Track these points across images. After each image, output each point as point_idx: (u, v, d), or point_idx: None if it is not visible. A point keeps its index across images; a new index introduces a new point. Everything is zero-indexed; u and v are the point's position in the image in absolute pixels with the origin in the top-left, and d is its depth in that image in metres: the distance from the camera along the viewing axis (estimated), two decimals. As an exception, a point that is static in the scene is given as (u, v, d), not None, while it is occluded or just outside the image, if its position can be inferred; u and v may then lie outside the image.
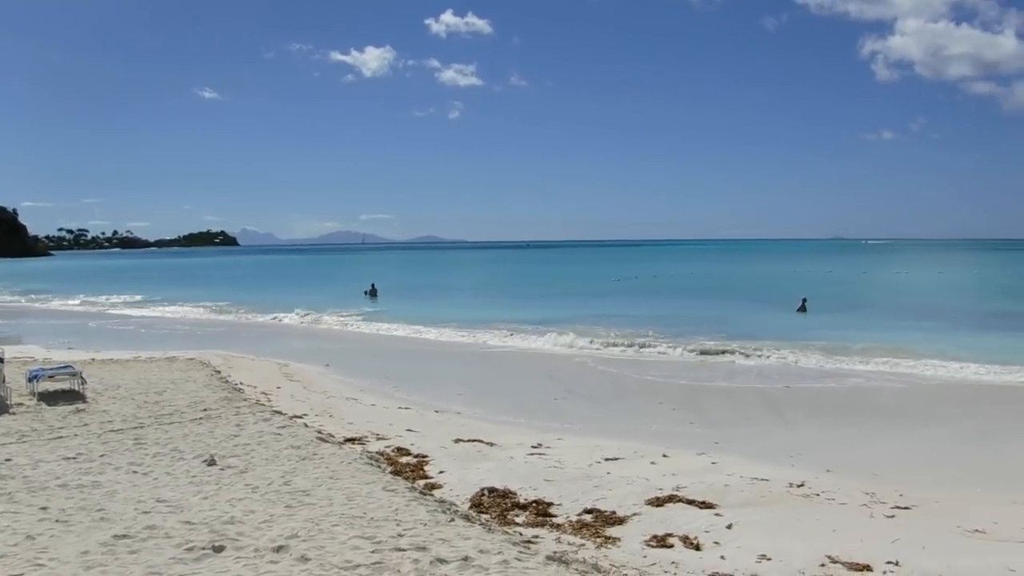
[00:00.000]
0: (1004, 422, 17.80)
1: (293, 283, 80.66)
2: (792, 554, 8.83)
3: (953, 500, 11.74)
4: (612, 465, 12.96)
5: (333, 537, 8.15)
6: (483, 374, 24.69)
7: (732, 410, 18.94)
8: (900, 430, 17.02)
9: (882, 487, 12.19)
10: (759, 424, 17.44)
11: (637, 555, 8.71)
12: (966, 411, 18.87)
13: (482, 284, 76.62)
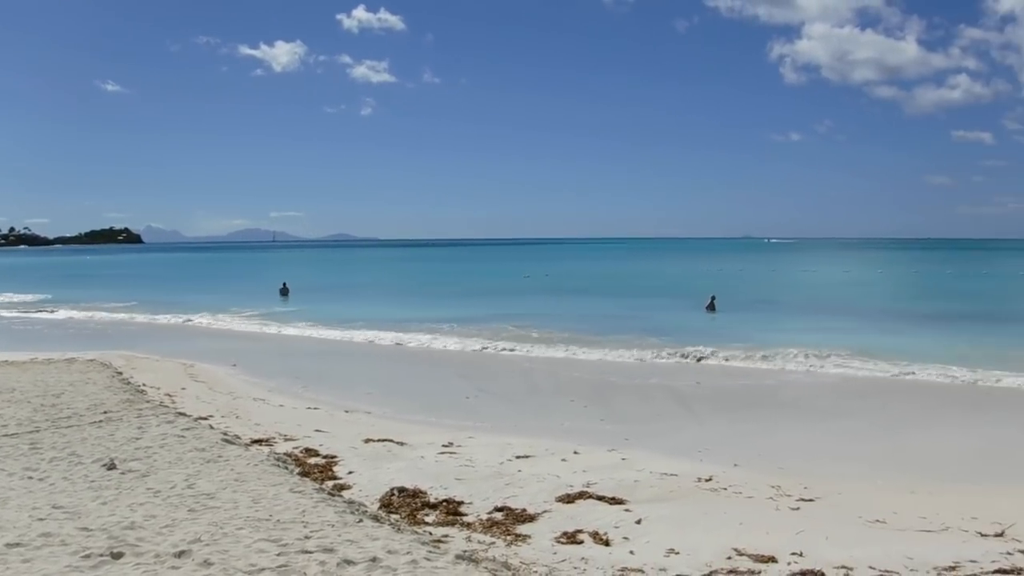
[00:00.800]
0: (904, 416, 18.37)
1: (201, 281, 78.84)
2: (700, 547, 8.93)
3: (855, 491, 12.05)
4: (523, 463, 12.96)
5: (238, 541, 7.95)
6: (394, 373, 24.50)
7: (642, 406, 19.17)
8: (805, 424, 17.46)
9: (787, 480, 12.44)
10: (669, 420, 17.67)
11: (547, 552, 8.71)
12: (868, 406, 19.43)
13: (393, 283, 76.09)
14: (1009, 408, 19.10)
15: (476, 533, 9.31)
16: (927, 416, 18.41)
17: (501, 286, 65.46)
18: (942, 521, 10.47)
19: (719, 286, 51.09)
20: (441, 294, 57.22)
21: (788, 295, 54.71)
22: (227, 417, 16.12)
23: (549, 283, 69.99)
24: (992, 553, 9.05)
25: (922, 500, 11.61)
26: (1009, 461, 14.36)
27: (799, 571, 8.25)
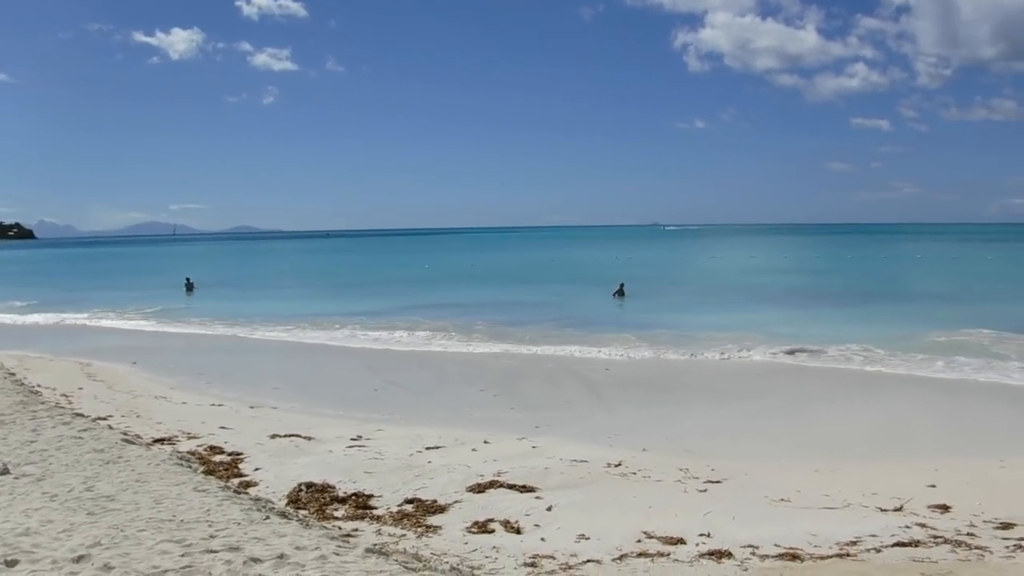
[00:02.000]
0: (806, 397, 18.89)
1: (99, 278, 76.08)
2: (610, 532, 9.03)
3: (761, 472, 12.34)
4: (433, 454, 12.90)
5: (139, 543, 7.71)
6: (301, 368, 24.13)
7: (552, 394, 19.26)
8: (712, 408, 17.79)
9: (695, 463, 12.66)
10: (578, 407, 17.82)
11: (458, 542, 8.69)
12: (773, 388, 19.90)
13: (301, 276, 74.78)
14: (905, 388, 19.77)
15: (386, 526, 9.24)
16: (829, 397, 18.96)
17: (408, 277, 65.20)
18: (844, 498, 10.80)
19: (627, 274, 51.73)
20: (349, 286, 56.51)
21: (695, 281, 55.70)
22: (127, 417, 15.65)
23: (455, 273, 69.83)
24: (891, 527, 9.36)
25: (825, 478, 11.95)
26: (906, 439, 14.90)
27: (707, 551, 8.40)
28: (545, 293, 45.80)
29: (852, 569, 7.74)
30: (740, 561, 8.08)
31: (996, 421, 16.60)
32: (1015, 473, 12.33)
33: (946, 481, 11.62)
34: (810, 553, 8.39)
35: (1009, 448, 13.94)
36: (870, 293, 44.70)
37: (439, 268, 76.85)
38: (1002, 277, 58.51)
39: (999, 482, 11.79)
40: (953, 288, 47.76)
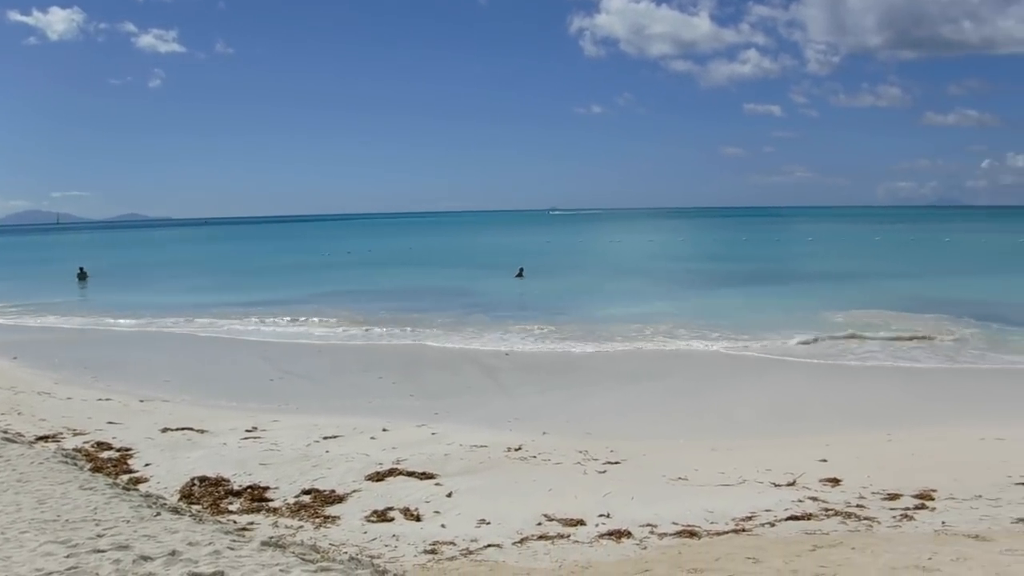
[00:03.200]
0: (703, 379, 19.29)
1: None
2: (510, 516, 9.04)
3: (659, 452, 12.56)
4: (331, 443, 12.73)
5: (21, 545, 7.37)
6: (194, 359, 23.46)
7: (452, 380, 19.21)
8: (611, 390, 18.03)
9: (595, 444, 12.82)
10: (478, 392, 17.83)
11: (357, 532, 8.58)
12: (671, 370, 20.27)
13: (195, 264, 72.46)
14: (798, 368, 20.41)
15: (283, 518, 9.06)
16: (725, 378, 19.39)
17: (305, 264, 64.06)
18: (740, 475, 11.07)
19: (528, 258, 52.08)
20: (245, 275, 55.18)
21: (594, 265, 56.35)
22: (7, 414, 14.96)
23: (354, 260, 69.00)
24: (785, 501, 9.63)
25: (721, 456, 12.24)
26: (799, 417, 15.38)
27: (607, 531, 8.48)
28: (444, 278, 45.77)
29: (747, 544, 7.90)
30: (639, 540, 8.18)
31: (884, 397, 17.27)
32: (901, 446, 12.85)
33: (837, 456, 12.02)
34: (707, 530, 8.55)
35: (896, 423, 14.52)
36: (765, 275, 45.95)
37: (337, 255, 75.76)
38: (889, 257, 61.04)
39: (886, 455, 12.26)
40: (844, 269, 49.52)
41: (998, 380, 19.21)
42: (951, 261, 57.31)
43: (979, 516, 8.87)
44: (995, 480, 10.66)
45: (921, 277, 43.57)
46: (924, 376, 19.69)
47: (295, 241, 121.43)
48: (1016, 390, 18.06)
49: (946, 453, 12.40)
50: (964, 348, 22.88)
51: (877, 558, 7.12)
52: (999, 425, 14.12)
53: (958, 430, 13.96)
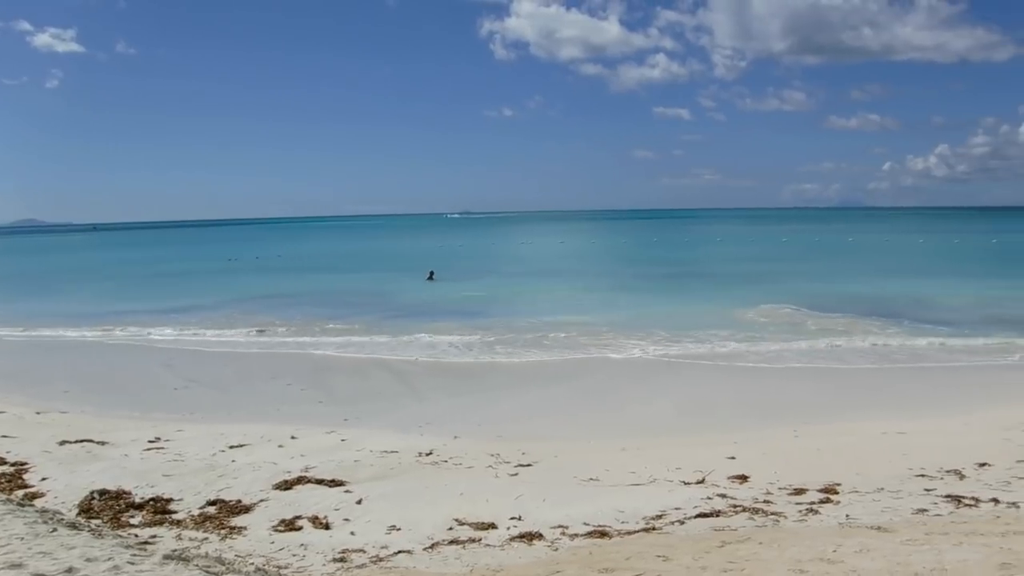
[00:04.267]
0: (613, 381, 19.53)
1: None
2: (421, 521, 8.96)
3: (570, 453, 12.63)
4: (237, 452, 12.46)
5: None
6: (95, 368, 22.72)
7: (362, 385, 19.04)
8: (523, 393, 18.08)
9: (506, 447, 12.83)
10: (389, 397, 17.69)
11: (264, 542, 8.39)
12: (582, 373, 20.49)
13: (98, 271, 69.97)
14: (707, 367, 20.83)
15: (187, 530, 8.81)
16: (636, 380, 19.65)
17: (211, 269, 62.56)
18: (650, 474, 11.21)
19: (438, 260, 51.96)
20: (146, 281, 53.34)
21: (505, 267, 56.43)
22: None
23: (263, 264, 67.66)
24: (694, 499, 9.76)
25: (632, 456, 12.37)
26: (708, 415, 15.67)
27: (518, 534, 8.46)
28: (354, 282, 45.28)
29: (658, 542, 7.96)
30: (551, 541, 8.19)
31: (792, 395, 17.78)
32: (807, 442, 13.19)
33: (745, 453, 12.27)
34: (618, 529, 8.60)
35: (801, 419, 14.93)
36: (676, 276, 46.77)
37: (245, 260, 74.19)
38: (796, 258, 62.81)
39: (792, 451, 12.58)
40: (753, 269, 50.79)
41: (901, 376, 19.92)
42: (855, 261, 59.27)
43: (881, 508, 9.13)
44: (896, 473, 11.01)
45: (828, 277, 45.05)
46: (831, 373, 20.29)
47: (201, 247, 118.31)
48: (917, 385, 18.75)
49: (850, 448, 12.77)
50: (869, 345, 23.67)
51: (783, 552, 7.25)
52: (901, 419, 14.68)
53: (862, 425, 14.43)
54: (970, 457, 11.71)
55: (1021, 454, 11.97)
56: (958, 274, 45.80)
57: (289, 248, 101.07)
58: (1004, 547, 7.07)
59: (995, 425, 14.11)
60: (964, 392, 17.60)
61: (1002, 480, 10.46)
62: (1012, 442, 12.78)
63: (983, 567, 6.52)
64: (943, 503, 9.30)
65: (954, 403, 16.32)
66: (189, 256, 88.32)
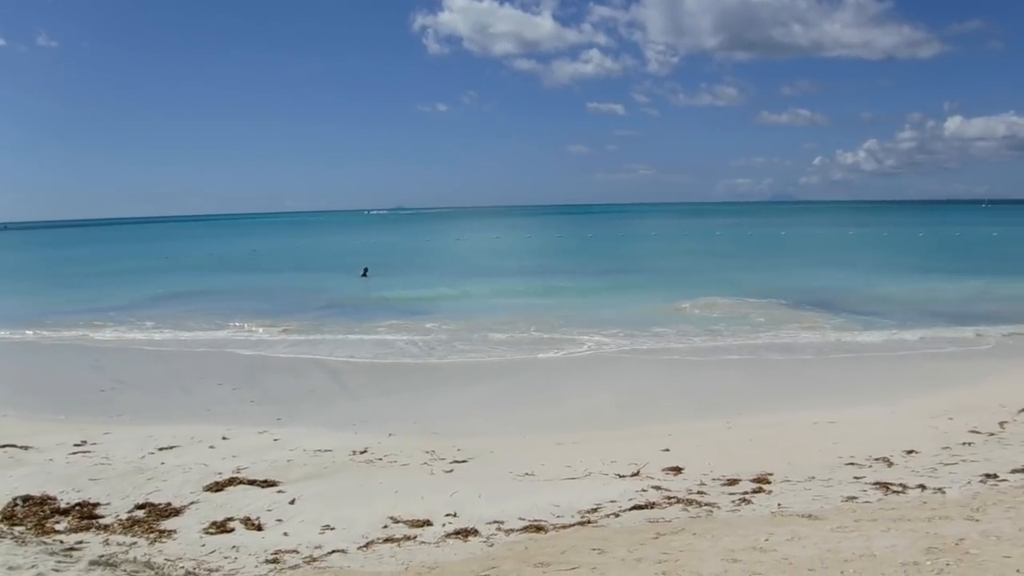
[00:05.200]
0: (551, 376, 19.61)
1: None
2: (355, 520, 8.87)
3: (506, 448, 12.64)
4: (167, 454, 12.20)
5: None
6: (16, 370, 22.16)
7: (295, 384, 18.81)
8: (459, 389, 18.07)
9: (442, 444, 12.80)
10: (323, 396, 17.52)
11: (195, 545, 8.23)
12: (518, 368, 20.55)
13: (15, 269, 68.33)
14: (643, 360, 21.07)
15: (115, 535, 8.59)
16: (572, 374, 19.77)
17: (139, 268, 61.08)
18: (585, 467, 11.26)
19: (372, 256, 51.62)
20: (72, 279, 51.71)
21: (440, 263, 56.32)
22: None
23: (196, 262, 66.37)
24: (629, 492, 9.84)
25: (568, 450, 12.43)
26: (644, 408, 15.86)
27: (453, 531, 8.43)
28: (287, 279, 44.78)
29: (593, 535, 8.00)
30: (486, 537, 8.18)
31: (726, 386, 18.07)
32: (740, 433, 13.42)
33: (679, 445, 12.41)
34: (553, 524, 8.61)
35: (735, 410, 15.21)
36: (611, 270, 47.24)
37: (177, 258, 72.73)
38: (730, 252, 63.88)
39: (726, 442, 12.77)
40: (687, 263, 51.55)
41: (832, 366, 20.41)
42: (788, 254, 60.51)
43: (812, 496, 9.31)
44: (827, 462, 11.23)
45: (761, 270, 46.02)
46: (764, 364, 20.69)
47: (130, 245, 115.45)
48: (848, 375, 19.25)
49: (783, 438, 13.01)
50: (802, 336, 24.18)
51: (717, 542, 7.34)
52: (832, 409, 15.03)
53: (794, 415, 14.71)
54: (898, 445, 12.00)
55: (947, 441, 12.32)
56: (888, 266, 47.27)
57: (222, 245, 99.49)
58: (930, 532, 7.26)
59: (922, 413, 14.50)
60: (893, 381, 18.07)
61: (928, 467, 10.73)
62: (938, 429, 13.14)
63: (910, 551, 6.68)
64: (872, 490, 9.50)
65: (883, 392, 16.75)
66: (117, 255, 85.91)
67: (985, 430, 13.03)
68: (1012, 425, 13.38)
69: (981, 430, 13.02)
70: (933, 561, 6.43)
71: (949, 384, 17.41)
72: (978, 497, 8.77)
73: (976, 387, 17.01)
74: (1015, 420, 13.74)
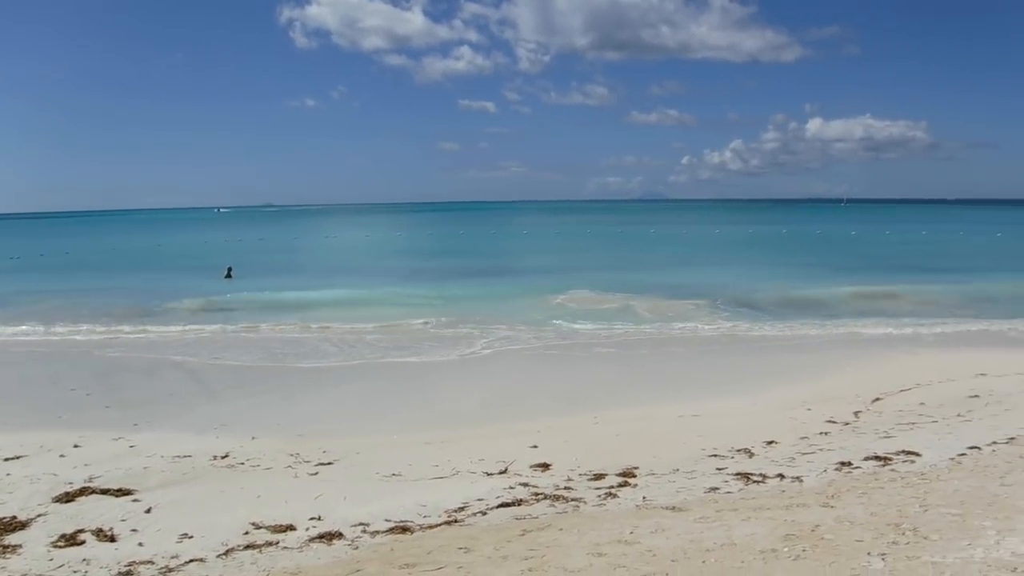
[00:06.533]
0: (421, 375, 19.53)
1: None
2: (216, 527, 8.60)
3: (373, 449, 12.50)
4: (12, 465, 11.54)
5: None
6: None
7: (153, 388, 18.14)
8: (325, 390, 17.75)
9: (307, 446, 12.56)
10: (183, 399, 16.93)
11: (42, 559, 7.81)
12: (387, 368, 20.38)
13: None
14: (512, 357, 21.25)
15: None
16: (443, 372, 19.76)
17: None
18: (453, 467, 11.23)
19: (239, 255, 50.30)
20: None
21: (309, 262, 55.32)
22: None
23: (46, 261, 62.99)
24: (497, 489, 9.86)
25: (435, 449, 12.39)
26: (512, 405, 15.96)
27: (317, 535, 8.26)
28: (144, 280, 42.73)
29: (460, 534, 7.98)
30: (351, 540, 8.04)
31: (593, 381, 18.42)
32: (606, 428, 13.63)
33: (547, 441, 12.52)
34: (420, 524, 8.55)
35: (602, 405, 15.46)
36: (483, 268, 47.47)
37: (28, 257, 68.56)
38: (600, 249, 65.15)
39: (593, 437, 12.97)
40: (558, 261, 52.46)
41: (698, 359, 21.10)
42: (657, 251, 62.16)
43: (676, 488, 9.52)
44: (691, 454, 11.53)
45: (631, 266, 47.32)
46: (632, 358, 21.15)
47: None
48: (713, 368, 19.94)
49: (649, 432, 13.30)
50: (667, 331, 24.82)
51: (583, 536, 7.42)
52: (696, 401, 15.47)
53: (660, 409, 15.08)
54: (759, 436, 12.43)
55: (805, 431, 12.82)
56: (753, 263, 49.24)
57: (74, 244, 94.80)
58: (788, 519, 7.53)
59: (781, 404, 15.07)
60: (755, 373, 18.76)
61: (787, 456, 11.13)
62: (796, 420, 13.68)
63: (769, 539, 6.91)
64: (734, 481, 9.79)
65: (746, 384, 17.37)
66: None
67: (841, 420, 13.62)
68: (866, 414, 14.03)
69: (837, 420, 13.61)
70: (790, 547, 6.66)
71: (809, 376, 18.16)
72: (833, 484, 9.14)
73: (834, 378, 17.81)
74: (869, 409, 14.41)
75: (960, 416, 13.23)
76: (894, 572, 6.07)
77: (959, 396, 15.03)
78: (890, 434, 12.14)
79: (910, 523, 7.21)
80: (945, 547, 6.52)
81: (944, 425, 12.61)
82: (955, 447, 10.76)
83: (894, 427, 12.68)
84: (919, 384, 16.50)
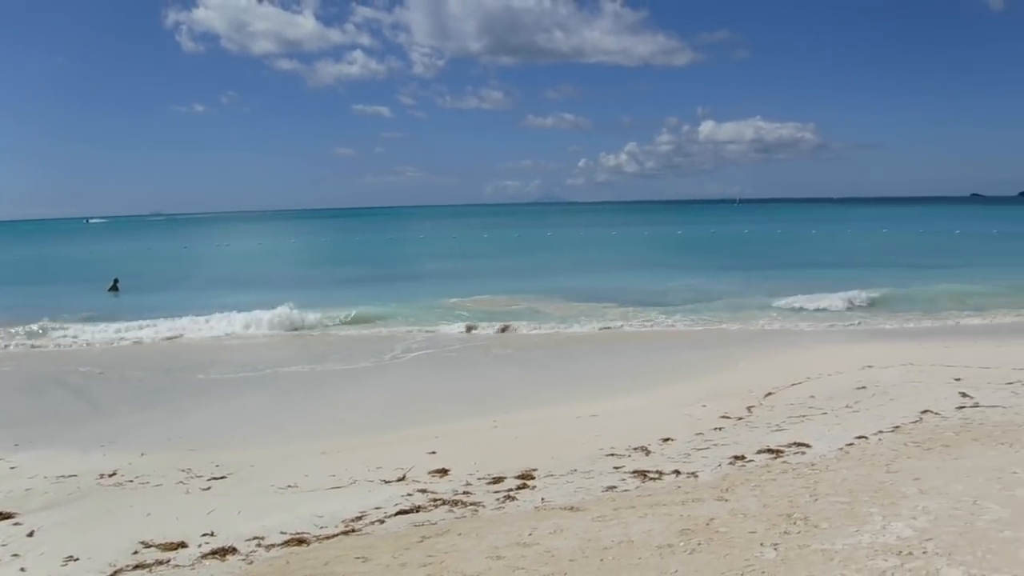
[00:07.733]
0: (316, 384, 19.23)
1: None
2: (103, 548, 8.29)
3: (267, 461, 12.23)
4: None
5: None
6: None
7: (35, 404, 17.46)
8: (217, 403, 17.31)
9: (199, 461, 12.23)
10: (67, 416, 16.30)
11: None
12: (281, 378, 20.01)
13: None
14: (410, 364, 21.19)
15: None
16: (337, 381, 19.55)
17: None
18: (351, 476, 11.07)
19: (124, 266, 48.68)
20: None
21: (202, 273, 53.56)
22: None
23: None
24: (395, 497, 9.75)
25: (332, 459, 12.20)
26: (409, 411, 15.88)
27: (210, 551, 8.04)
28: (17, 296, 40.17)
29: (357, 543, 7.88)
30: (245, 555, 7.85)
31: (490, 384, 18.57)
32: (505, 431, 13.67)
33: (445, 447, 12.46)
34: (316, 535, 8.40)
35: (501, 408, 15.49)
36: (379, 275, 47.01)
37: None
38: (498, 252, 65.42)
39: (492, 441, 12.97)
40: (455, 265, 52.66)
41: (594, 359, 21.36)
42: (554, 254, 62.81)
43: (574, 489, 9.57)
44: (589, 454, 11.60)
45: (528, 269, 47.76)
46: (529, 360, 21.30)
47: None
48: (610, 367, 20.26)
49: (547, 433, 13.36)
50: (565, 331, 25.13)
51: (481, 540, 7.41)
52: (594, 401, 15.63)
53: (558, 410, 15.17)
54: (656, 433, 12.58)
55: (700, 427, 13.04)
56: (649, 263, 50.40)
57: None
58: (684, 514, 7.66)
59: (677, 401, 15.32)
60: (651, 371, 19.12)
61: (683, 453, 11.31)
62: (692, 416, 13.91)
63: (665, 534, 7.02)
64: (631, 479, 9.89)
65: (642, 382, 17.64)
66: None
67: (734, 415, 13.91)
68: (758, 409, 14.36)
69: (731, 415, 13.89)
70: (686, 542, 6.77)
71: (704, 372, 18.52)
72: (727, 478, 9.33)
73: (728, 374, 18.21)
74: (761, 404, 14.75)
75: (848, 407, 13.65)
76: (786, 561, 6.23)
77: (847, 388, 15.48)
78: (782, 427, 12.45)
79: (801, 512, 7.42)
80: (834, 534, 6.73)
81: (833, 416, 13.00)
82: (843, 437, 11.11)
83: (786, 420, 13.01)
84: (809, 377, 16.96)
